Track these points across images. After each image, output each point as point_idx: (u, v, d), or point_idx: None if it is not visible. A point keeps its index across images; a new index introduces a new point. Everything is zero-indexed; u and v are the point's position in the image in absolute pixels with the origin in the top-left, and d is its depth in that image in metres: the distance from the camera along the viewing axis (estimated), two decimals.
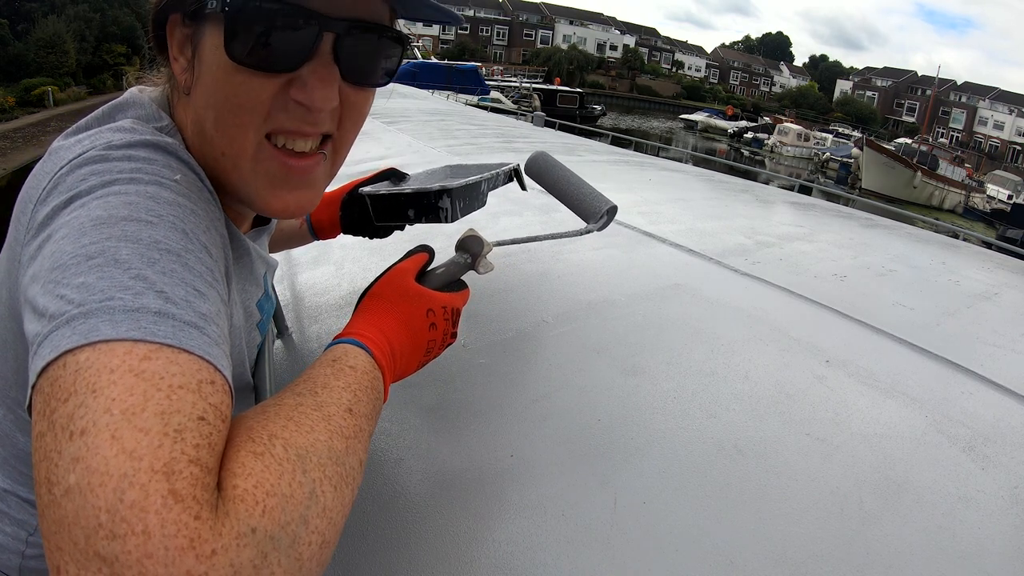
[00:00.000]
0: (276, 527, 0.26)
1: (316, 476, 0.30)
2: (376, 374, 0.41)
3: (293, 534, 0.27)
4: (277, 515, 0.26)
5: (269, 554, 0.25)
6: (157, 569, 0.23)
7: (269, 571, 0.25)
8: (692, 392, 0.67)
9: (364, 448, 0.36)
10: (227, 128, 0.41)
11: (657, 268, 1.05)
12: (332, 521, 0.30)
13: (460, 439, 0.61)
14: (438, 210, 0.67)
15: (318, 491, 0.29)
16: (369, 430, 0.37)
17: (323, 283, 1.01)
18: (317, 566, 0.28)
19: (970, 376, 0.74)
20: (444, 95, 8.19)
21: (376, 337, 0.44)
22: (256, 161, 0.42)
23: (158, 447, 0.25)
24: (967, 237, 2.30)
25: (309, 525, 0.28)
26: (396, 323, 0.46)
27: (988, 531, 0.51)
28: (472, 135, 3.21)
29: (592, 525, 0.50)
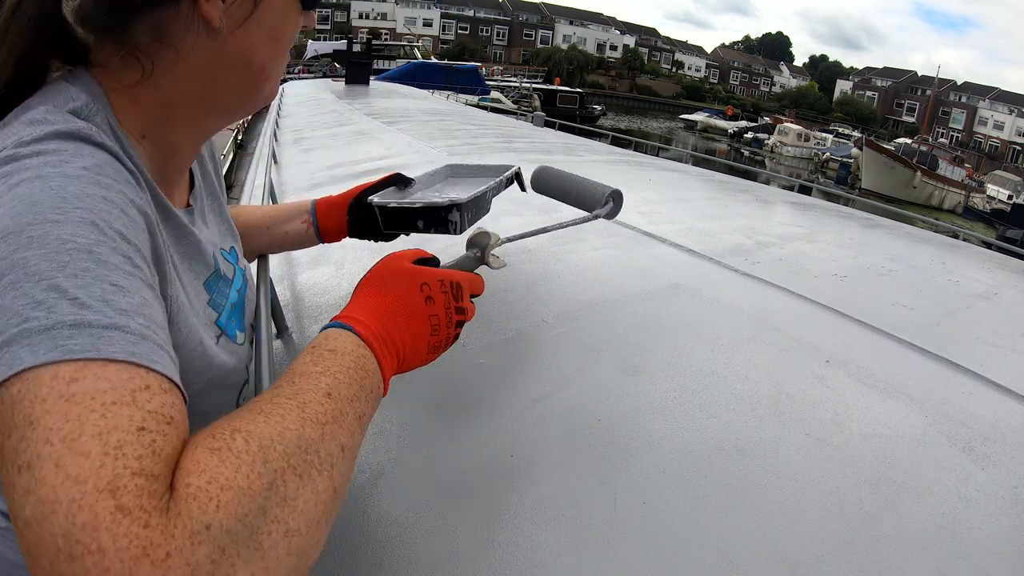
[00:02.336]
0: (232, 520, 0.26)
1: (278, 466, 0.29)
2: (363, 352, 0.40)
3: (252, 526, 0.27)
4: (232, 508, 0.26)
5: (227, 548, 0.26)
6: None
7: (229, 564, 0.25)
8: (692, 392, 0.67)
9: (348, 432, 0.35)
10: (280, 57, 0.49)
11: (657, 268, 1.05)
12: (299, 510, 0.29)
13: (460, 439, 0.61)
14: (447, 223, 0.69)
15: (279, 481, 0.29)
16: (355, 412, 0.36)
17: (323, 283, 1.01)
18: (286, 555, 0.28)
19: (970, 376, 0.74)
20: (444, 95, 8.20)
21: (364, 316, 0.43)
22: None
23: (100, 467, 0.25)
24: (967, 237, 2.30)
25: (268, 515, 0.28)
26: (389, 301, 0.45)
27: (988, 531, 0.51)
28: (472, 135, 3.21)
29: (592, 525, 0.50)
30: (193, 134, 0.49)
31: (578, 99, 23.78)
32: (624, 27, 53.02)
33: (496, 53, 45.28)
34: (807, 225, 1.57)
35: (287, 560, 0.28)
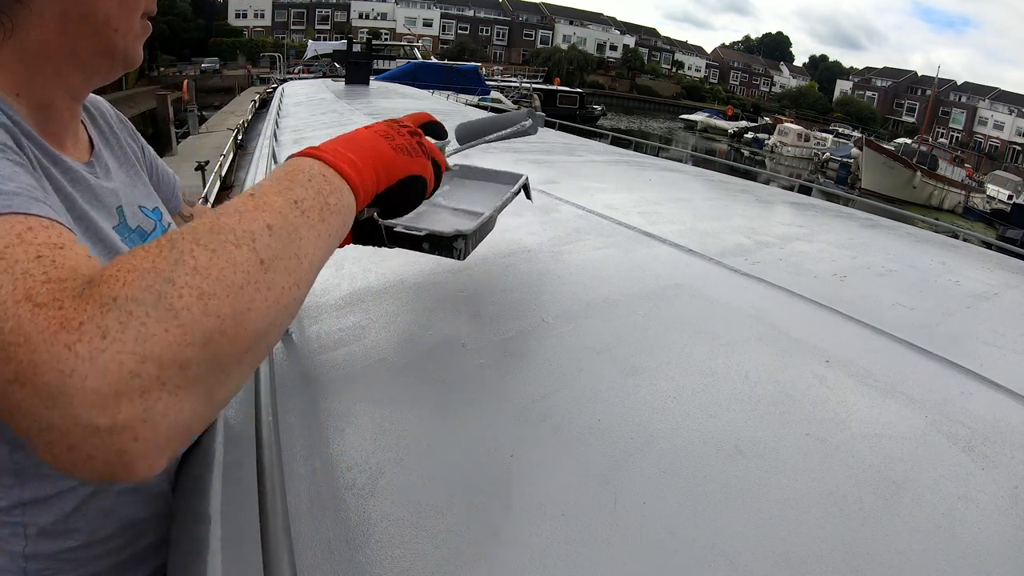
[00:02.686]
0: (137, 291, 0.29)
1: (186, 247, 0.32)
2: (298, 160, 0.44)
3: (158, 292, 0.29)
4: (137, 282, 0.29)
5: (134, 311, 0.28)
6: (43, 357, 0.27)
7: (139, 322, 0.28)
8: (692, 392, 0.67)
9: (276, 213, 0.37)
10: (125, 9, 0.51)
11: (657, 268, 1.05)
12: (213, 277, 0.31)
13: (460, 439, 0.61)
14: (452, 250, 0.71)
15: (187, 256, 0.31)
16: (287, 199, 0.38)
17: (323, 283, 1.01)
18: (203, 315, 0.30)
19: (970, 376, 0.74)
20: (444, 95, 8.20)
21: (318, 147, 0.47)
22: (139, 26, 0.53)
23: (13, 290, 0.29)
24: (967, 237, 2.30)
25: (177, 283, 0.30)
26: (342, 138, 0.50)
27: (988, 531, 0.51)
28: None
29: (592, 525, 0.50)
30: (64, 91, 0.52)
31: (578, 99, 23.79)
32: (624, 27, 53.01)
33: (496, 53, 45.28)
34: (807, 225, 1.57)
35: (205, 320, 0.30)
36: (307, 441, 0.61)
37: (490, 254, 1.06)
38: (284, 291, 0.35)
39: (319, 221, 0.39)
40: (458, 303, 0.89)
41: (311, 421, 0.65)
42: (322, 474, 0.57)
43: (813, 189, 2.95)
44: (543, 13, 48.57)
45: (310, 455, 0.59)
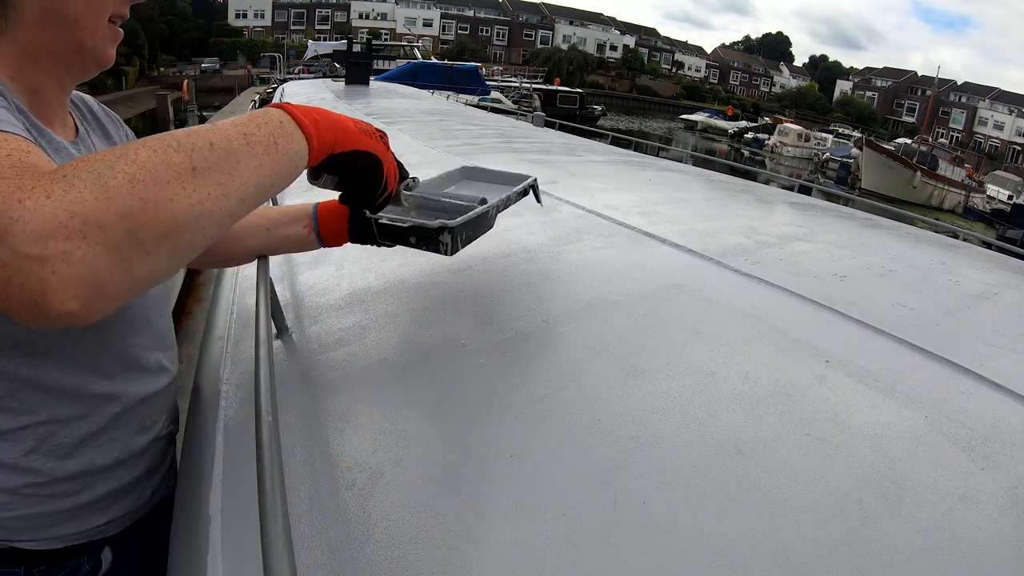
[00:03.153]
0: (82, 171, 0.36)
1: (133, 147, 0.39)
2: (272, 110, 0.51)
3: (98, 173, 0.36)
4: (85, 166, 0.37)
5: (75, 183, 0.36)
6: (6, 205, 0.34)
7: (76, 191, 0.35)
8: (692, 392, 0.67)
9: (222, 137, 0.44)
10: (92, 11, 0.58)
11: (657, 268, 1.05)
12: (144, 168, 0.38)
13: (460, 439, 0.61)
14: (438, 244, 0.69)
15: (131, 153, 0.38)
16: (237, 131, 0.45)
17: (323, 283, 1.01)
18: (128, 194, 0.36)
19: (970, 376, 0.74)
20: (444, 95, 8.19)
21: (288, 104, 0.53)
22: (107, 29, 0.60)
23: None
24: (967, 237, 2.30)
25: (115, 168, 0.37)
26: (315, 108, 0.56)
27: (988, 531, 0.51)
28: (472, 135, 3.21)
29: (592, 525, 0.50)
30: (50, 80, 0.60)
31: (578, 99, 23.78)
32: (624, 27, 53.00)
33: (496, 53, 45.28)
34: (807, 225, 1.57)
35: (129, 198, 0.36)
36: (307, 441, 0.62)
37: (490, 254, 1.06)
38: (209, 196, 0.41)
39: (262, 153, 0.46)
40: (458, 303, 0.89)
41: (311, 421, 0.65)
42: (322, 474, 0.57)
43: (813, 189, 2.95)
44: (543, 13, 48.57)
45: (310, 455, 0.59)
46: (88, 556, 0.67)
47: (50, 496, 0.61)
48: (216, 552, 0.52)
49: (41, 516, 0.61)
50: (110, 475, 0.67)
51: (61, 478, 0.62)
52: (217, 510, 0.57)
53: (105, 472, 0.66)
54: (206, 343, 0.95)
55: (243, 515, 0.53)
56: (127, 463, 0.68)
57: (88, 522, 0.65)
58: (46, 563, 0.63)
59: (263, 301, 0.67)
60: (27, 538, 0.61)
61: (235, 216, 0.44)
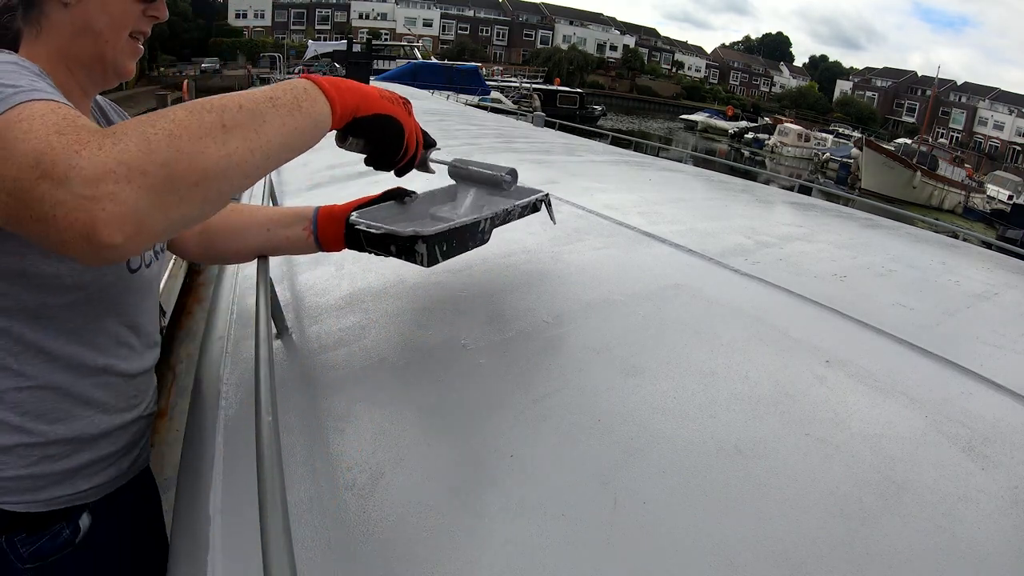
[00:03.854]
0: (129, 128, 0.43)
1: (173, 109, 0.45)
2: (298, 79, 0.55)
3: (142, 130, 0.42)
4: (131, 125, 0.43)
5: (122, 138, 0.42)
6: (60, 157, 0.40)
7: (123, 144, 0.41)
8: (692, 392, 0.67)
9: (251, 101, 0.49)
10: (115, 28, 0.64)
11: (657, 268, 1.05)
12: (181, 125, 0.44)
13: (460, 439, 0.61)
14: (414, 254, 0.68)
15: (169, 113, 0.45)
16: (265, 96, 0.50)
17: (323, 283, 1.01)
18: (166, 147, 0.42)
19: (970, 376, 0.74)
20: (444, 95, 8.19)
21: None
22: (125, 44, 0.66)
23: (46, 129, 0.42)
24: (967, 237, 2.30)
25: (156, 126, 0.43)
26: None
27: (988, 531, 0.51)
28: (472, 135, 3.21)
29: (592, 525, 0.50)
30: (77, 86, 0.65)
31: (578, 99, 23.78)
32: (624, 27, 52.98)
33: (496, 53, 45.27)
34: (807, 225, 1.57)
35: (168, 150, 0.42)
36: (307, 441, 0.62)
37: (490, 254, 1.06)
38: (237, 150, 0.46)
39: (286, 114, 0.51)
40: (458, 303, 0.89)
41: (311, 421, 0.65)
42: (322, 474, 0.57)
43: (813, 189, 2.95)
44: (543, 13, 48.56)
45: (310, 455, 0.59)
46: (68, 521, 0.70)
47: (41, 458, 0.66)
48: (216, 552, 0.52)
49: (31, 478, 0.65)
50: (95, 445, 0.71)
51: (53, 441, 0.66)
52: (217, 510, 0.57)
53: (92, 441, 0.70)
54: (206, 343, 0.95)
55: (243, 515, 0.53)
56: (111, 435, 0.73)
57: (73, 486, 0.69)
58: (27, 530, 0.67)
59: (263, 301, 0.67)
60: (15, 499, 0.65)
61: (261, 169, 0.49)
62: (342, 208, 0.80)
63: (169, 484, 1.06)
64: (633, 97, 45.69)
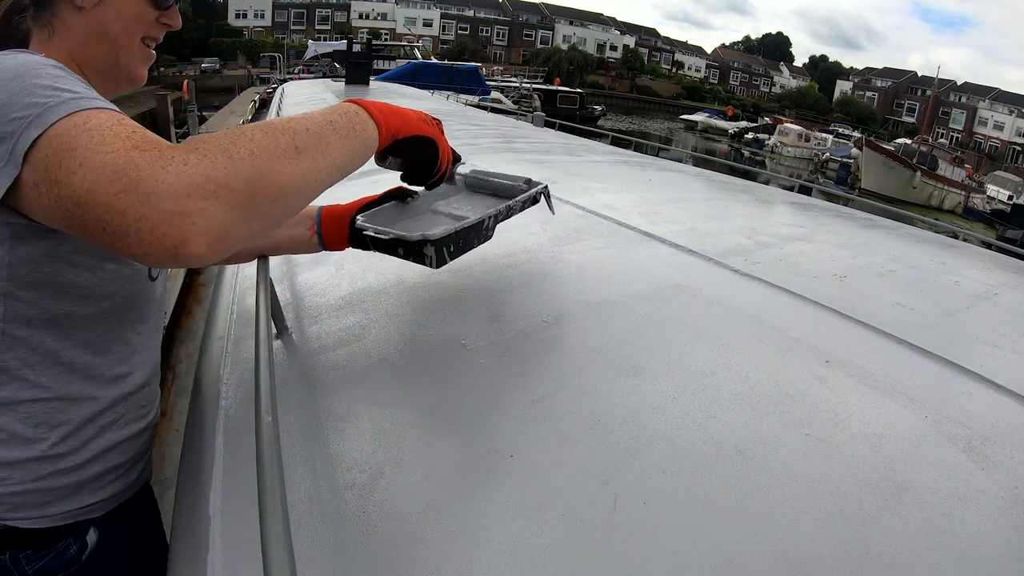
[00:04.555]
0: (211, 146, 0.44)
1: (248, 129, 0.47)
2: (348, 103, 0.58)
3: (225, 147, 0.45)
4: (212, 142, 0.45)
5: (207, 154, 0.43)
6: (146, 173, 0.41)
7: (208, 161, 0.43)
8: (692, 392, 0.67)
9: (315, 124, 0.52)
10: (129, 33, 0.65)
11: (657, 268, 1.05)
12: (260, 144, 0.46)
13: (460, 439, 0.61)
14: (423, 256, 0.70)
15: (248, 132, 0.47)
16: (325, 119, 0.53)
17: (323, 283, 1.01)
18: (249, 165, 0.45)
19: (970, 376, 0.74)
20: (444, 95, 8.19)
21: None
22: (138, 49, 0.67)
23: (124, 145, 0.43)
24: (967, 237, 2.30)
25: (238, 144, 0.45)
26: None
27: (988, 531, 0.51)
28: (472, 135, 3.21)
29: (592, 525, 0.50)
30: (95, 88, 0.63)
31: (578, 99, 23.78)
32: (624, 27, 52.98)
33: (496, 53, 45.26)
34: (807, 225, 1.57)
35: (251, 168, 0.45)
36: (307, 441, 0.62)
37: (490, 254, 1.06)
38: (309, 169, 0.50)
39: (344, 137, 0.54)
40: (458, 303, 0.89)
41: (311, 421, 0.65)
42: (322, 474, 0.57)
43: (813, 189, 2.95)
44: (543, 13, 48.55)
45: (310, 455, 0.59)
46: (74, 537, 0.69)
47: (50, 473, 0.64)
48: (216, 552, 0.52)
49: (37, 492, 0.64)
50: (104, 457, 0.70)
51: (63, 454, 0.65)
52: (217, 510, 0.57)
53: (101, 454, 0.69)
54: (206, 343, 0.95)
55: (243, 515, 0.53)
56: (119, 447, 0.72)
57: (79, 501, 0.68)
58: (33, 546, 0.65)
59: (263, 301, 0.67)
60: (20, 515, 0.64)
61: (325, 186, 0.53)
62: (346, 208, 0.80)
63: (169, 484, 1.06)
64: (633, 97, 45.68)
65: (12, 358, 0.60)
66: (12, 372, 0.60)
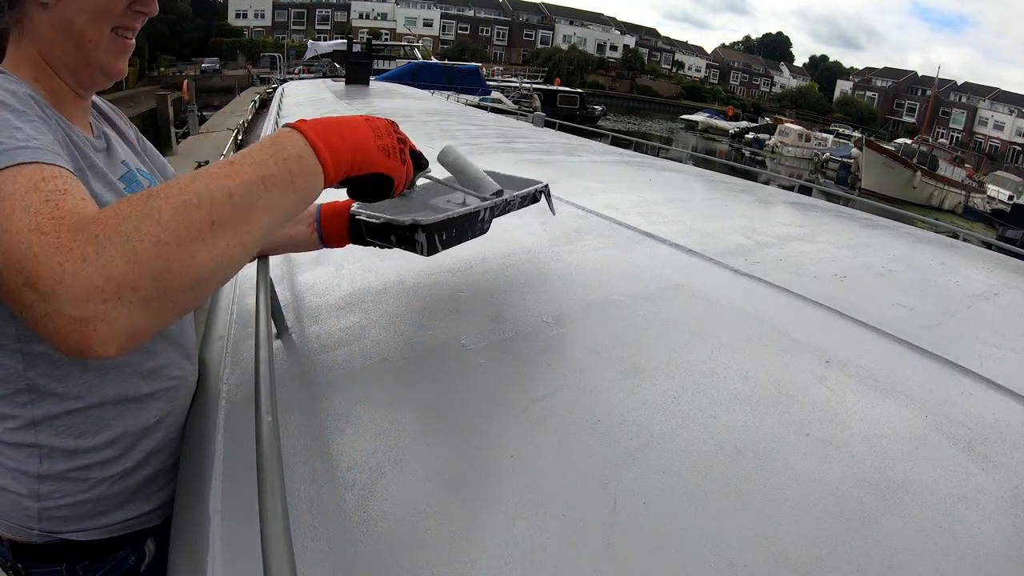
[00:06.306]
0: (112, 232, 0.40)
1: (157, 203, 0.41)
2: (288, 133, 0.51)
3: (126, 235, 0.40)
4: (114, 226, 0.40)
5: (107, 246, 0.39)
6: (44, 269, 0.38)
7: (108, 255, 0.39)
8: (692, 392, 0.67)
9: (242, 185, 0.45)
10: (95, 27, 0.60)
11: (657, 268, 1.05)
12: (168, 228, 0.41)
13: (460, 439, 0.61)
14: (413, 243, 0.67)
15: (154, 211, 0.41)
16: (258, 173, 0.46)
17: (323, 283, 1.01)
18: (155, 257, 0.40)
19: (970, 376, 0.74)
20: (444, 95, 8.19)
21: (305, 123, 0.53)
22: (110, 42, 0.61)
23: (28, 223, 0.40)
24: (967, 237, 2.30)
25: (141, 230, 0.40)
26: (332, 118, 0.56)
27: (988, 531, 0.51)
28: (472, 135, 3.21)
29: (592, 525, 0.50)
30: (68, 88, 0.62)
31: (578, 99, 23.76)
32: (624, 27, 52.97)
33: (496, 53, 45.26)
34: (807, 225, 1.57)
35: (157, 261, 0.40)
36: (307, 441, 0.62)
37: (490, 254, 1.06)
38: (228, 248, 0.44)
39: (279, 195, 0.47)
40: (458, 303, 0.89)
41: (311, 421, 0.65)
42: (322, 474, 0.57)
43: (813, 189, 2.95)
44: (543, 13, 48.55)
45: (310, 455, 0.59)
46: (132, 548, 0.68)
47: (100, 481, 0.64)
48: (216, 552, 0.52)
49: (89, 503, 0.63)
50: (153, 460, 0.69)
51: (110, 460, 0.64)
52: (217, 510, 0.57)
53: (150, 456, 0.68)
54: (206, 343, 0.95)
55: (243, 515, 0.53)
56: (168, 448, 0.70)
57: (134, 510, 0.67)
58: (89, 557, 0.65)
59: (263, 301, 0.67)
60: (73, 528, 0.63)
61: (251, 256, 0.47)
62: (345, 203, 0.80)
63: None
64: (633, 97, 45.67)
65: (36, 375, 0.59)
66: (40, 389, 0.59)
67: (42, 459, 0.61)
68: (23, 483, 0.61)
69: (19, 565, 0.64)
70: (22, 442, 0.60)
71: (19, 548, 0.63)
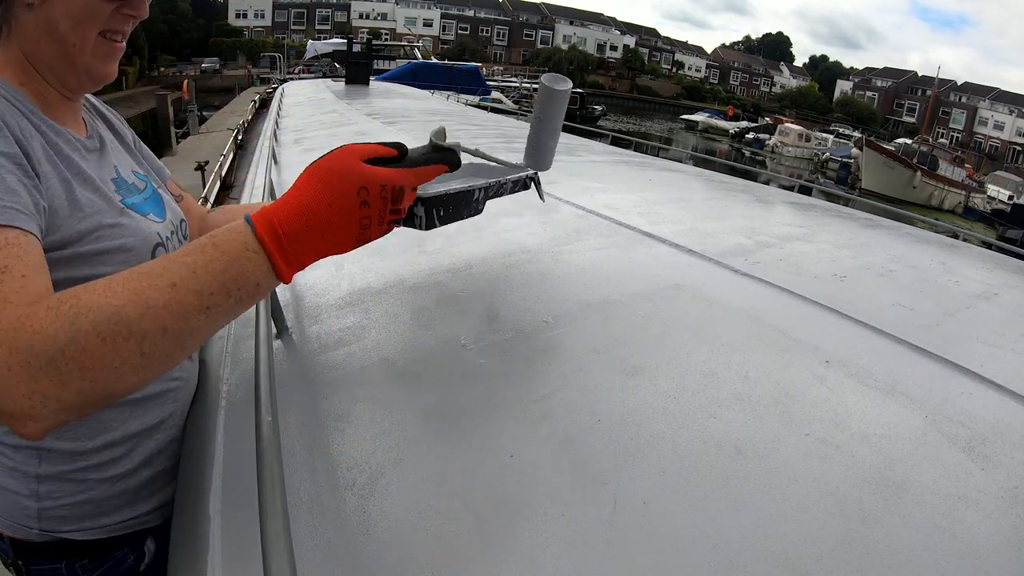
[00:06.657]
0: (39, 352, 0.41)
1: (83, 328, 0.42)
2: (247, 254, 0.47)
3: (51, 357, 0.41)
4: (41, 346, 0.41)
5: (31, 363, 0.40)
6: None
7: (32, 375, 0.40)
8: (692, 392, 0.67)
9: (179, 317, 0.44)
10: (80, 29, 0.58)
11: (657, 268, 1.05)
12: (94, 356, 0.42)
13: (460, 439, 0.61)
14: (412, 216, 0.68)
15: (80, 337, 0.41)
16: (201, 304, 0.45)
17: (323, 283, 1.01)
18: (79, 379, 0.41)
19: (970, 376, 0.74)
20: (445, 95, 8.19)
21: (280, 217, 0.49)
22: (96, 45, 0.60)
23: None
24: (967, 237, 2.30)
25: (66, 354, 0.41)
26: (320, 199, 0.50)
27: (988, 531, 0.51)
28: (472, 135, 3.21)
29: (592, 525, 0.50)
30: (55, 91, 0.61)
31: (578, 99, 23.76)
32: (624, 27, 52.96)
33: (496, 53, 45.26)
34: (807, 225, 1.57)
35: (81, 383, 0.42)
36: (307, 441, 0.62)
37: (490, 254, 1.06)
38: (158, 367, 0.45)
39: (222, 317, 0.47)
40: (458, 303, 0.89)
41: (311, 421, 0.65)
42: (322, 474, 0.57)
43: (813, 189, 2.95)
44: (543, 13, 48.54)
45: (310, 455, 0.59)
46: (131, 547, 0.68)
47: (100, 481, 0.64)
48: (216, 552, 0.52)
49: (88, 504, 0.63)
50: (153, 462, 0.69)
51: (109, 461, 0.64)
52: (217, 510, 0.57)
53: (151, 458, 0.68)
54: (206, 343, 0.95)
55: (243, 515, 0.53)
56: (168, 450, 0.70)
57: (134, 509, 0.67)
58: (88, 556, 0.65)
59: (263, 301, 0.67)
60: (72, 528, 0.63)
61: (183, 360, 0.48)
62: None
63: None
64: (633, 97, 45.66)
65: None
66: None
67: (42, 460, 0.61)
68: (23, 483, 0.61)
69: (19, 562, 0.65)
70: (22, 443, 0.60)
71: (19, 545, 0.64)
